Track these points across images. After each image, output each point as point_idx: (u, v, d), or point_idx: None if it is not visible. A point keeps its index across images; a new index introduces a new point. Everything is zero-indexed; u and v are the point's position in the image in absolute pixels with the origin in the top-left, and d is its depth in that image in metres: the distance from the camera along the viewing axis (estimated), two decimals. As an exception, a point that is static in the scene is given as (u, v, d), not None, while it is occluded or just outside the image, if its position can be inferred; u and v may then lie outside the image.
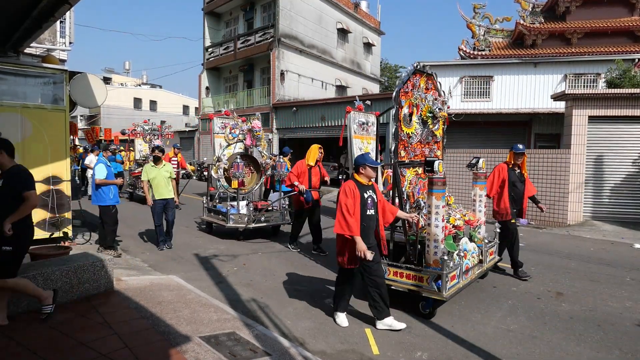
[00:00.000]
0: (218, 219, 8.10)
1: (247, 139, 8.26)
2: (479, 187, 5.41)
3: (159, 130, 14.19)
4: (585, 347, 3.72)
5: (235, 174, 7.63)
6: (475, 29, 22.25)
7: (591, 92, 10.21)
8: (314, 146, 7.00)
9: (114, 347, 3.27)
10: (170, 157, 11.73)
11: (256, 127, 8.16)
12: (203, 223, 9.05)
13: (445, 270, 4.09)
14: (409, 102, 4.85)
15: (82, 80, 6.92)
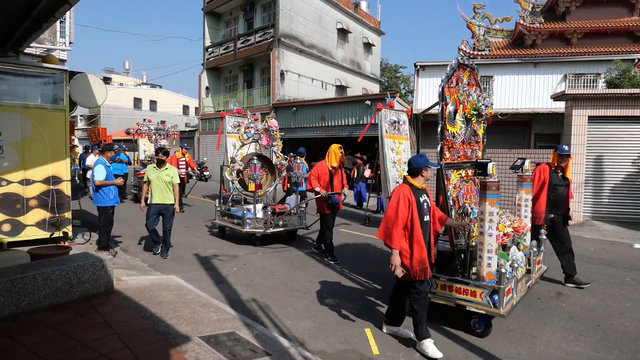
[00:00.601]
0: (233, 223, 7.66)
1: (263, 139, 7.71)
2: (524, 190, 4.90)
3: (164, 130, 13.75)
4: (585, 347, 3.72)
5: (252, 175, 7.22)
6: (475, 29, 22.24)
7: (591, 92, 10.22)
8: (334, 147, 6.47)
9: (114, 347, 3.27)
10: (178, 158, 11.46)
11: (273, 127, 7.67)
12: (214, 227, 8.78)
13: (503, 284, 3.70)
14: (454, 98, 4.41)
15: (82, 80, 6.92)
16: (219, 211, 8.10)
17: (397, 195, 3.54)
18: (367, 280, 5.60)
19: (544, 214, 5.30)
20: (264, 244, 7.38)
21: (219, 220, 8.06)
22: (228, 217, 7.90)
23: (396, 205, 3.50)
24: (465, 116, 4.66)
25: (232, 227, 7.64)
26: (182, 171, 11.21)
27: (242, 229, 7.30)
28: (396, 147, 6.28)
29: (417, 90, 18.08)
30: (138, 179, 12.98)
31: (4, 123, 6.04)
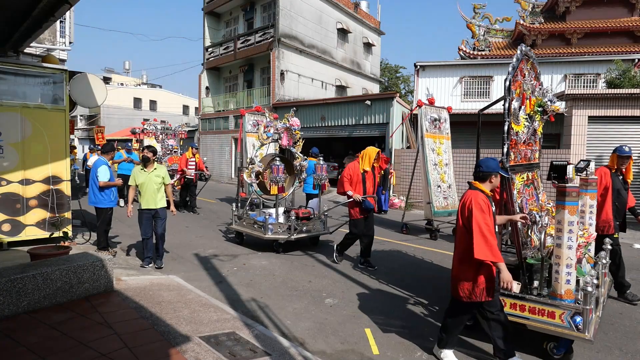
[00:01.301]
0: (252, 228, 7.12)
1: (284, 139, 7.20)
2: (589, 195, 4.32)
3: (171, 129, 13.16)
4: (585, 347, 3.72)
5: (275, 178, 6.76)
6: (475, 29, 22.26)
7: (591, 92, 10.22)
8: (371, 149, 6.02)
9: (114, 347, 3.27)
10: (188, 158, 11.15)
11: (295, 125, 7.20)
12: (229, 232, 8.36)
13: (588, 304, 3.19)
14: (520, 92, 4.01)
15: (82, 80, 6.92)
16: (236, 215, 7.57)
17: (477, 204, 3.12)
18: (408, 292, 5.32)
19: (612, 222, 4.82)
20: (286, 251, 6.97)
21: (237, 225, 7.52)
22: (247, 222, 7.32)
23: (482, 215, 3.08)
24: (529, 113, 4.20)
25: (251, 233, 7.09)
26: (191, 172, 10.99)
27: (263, 235, 6.78)
28: (437, 147, 5.83)
29: (417, 90, 18.08)
30: None
31: (4, 123, 6.03)
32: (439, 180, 5.95)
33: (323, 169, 7.08)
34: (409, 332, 3.97)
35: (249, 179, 7.12)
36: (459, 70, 17.74)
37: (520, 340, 3.70)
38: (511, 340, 3.21)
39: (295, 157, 7.58)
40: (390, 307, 4.60)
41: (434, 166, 5.89)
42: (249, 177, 7.12)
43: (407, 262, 6.54)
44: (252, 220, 7.20)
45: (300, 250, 7.14)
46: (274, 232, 6.80)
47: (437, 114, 5.97)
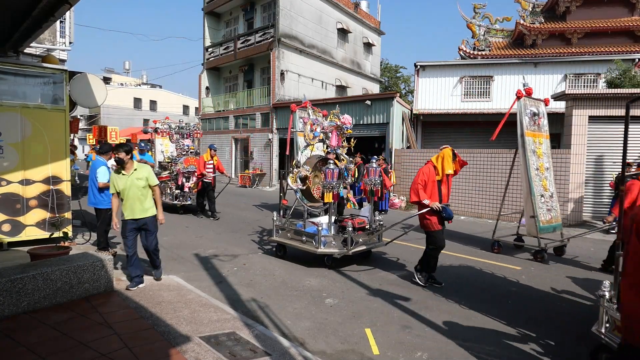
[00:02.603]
0: (300, 241, 6.30)
1: (332, 139, 6.42)
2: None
3: (187, 129, 12.15)
4: (585, 347, 3.71)
5: (330, 183, 5.97)
6: (475, 29, 22.26)
7: (591, 92, 10.22)
8: (447, 150, 5.31)
9: (114, 347, 3.27)
10: (206, 161, 10.39)
11: (347, 123, 6.49)
12: (263, 242, 7.66)
13: None
14: None
15: (82, 80, 6.92)
16: (277, 226, 6.68)
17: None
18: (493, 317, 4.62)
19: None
20: (338, 266, 6.11)
21: (279, 237, 6.64)
22: (293, 234, 6.47)
23: None
24: None
25: (299, 246, 6.26)
26: (210, 175, 10.30)
27: (315, 248, 5.98)
28: (537, 147, 4.93)
29: (417, 90, 18.08)
30: (161, 182, 11.27)
31: (4, 123, 6.03)
32: (542, 190, 5.02)
33: (376, 172, 6.41)
34: (409, 332, 3.97)
35: (294, 185, 6.37)
36: (459, 70, 17.74)
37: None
38: None
39: (340, 159, 6.72)
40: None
41: (536, 171, 5.06)
42: (294, 183, 6.36)
43: (472, 276, 5.82)
44: (300, 231, 6.37)
45: (355, 263, 6.35)
46: (328, 246, 5.98)
47: (535, 108, 5.16)
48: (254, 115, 21.66)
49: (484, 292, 5.18)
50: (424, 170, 5.34)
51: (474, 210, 11.39)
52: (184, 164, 10.92)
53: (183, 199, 10.84)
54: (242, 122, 22.85)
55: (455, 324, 4.15)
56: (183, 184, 10.77)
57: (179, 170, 10.80)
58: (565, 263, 6.65)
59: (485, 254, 7.14)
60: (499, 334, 3.96)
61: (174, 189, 11.00)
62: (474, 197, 11.48)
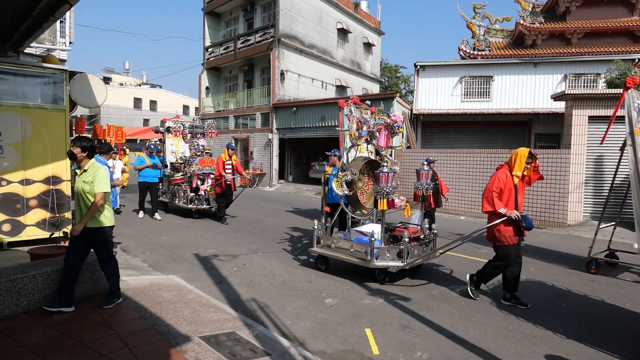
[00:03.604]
0: (348, 253, 5.68)
1: (381, 138, 5.81)
2: None
3: (202, 128, 11.29)
4: (585, 347, 3.72)
5: (384, 189, 5.31)
6: (475, 29, 22.27)
7: (591, 92, 10.22)
8: (522, 151, 4.73)
9: (114, 347, 3.27)
10: (224, 161, 9.65)
11: (398, 121, 5.83)
12: (299, 252, 7.01)
13: None
14: None
15: (82, 80, 6.92)
16: (319, 236, 6.08)
17: None
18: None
19: None
20: (392, 281, 5.47)
21: (322, 248, 6.01)
22: (339, 245, 5.88)
23: None
24: None
25: (347, 259, 5.59)
26: (228, 177, 9.56)
27: (367, 261, 5.31)
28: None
29: (417, 90, 18.08)
30: (173, 185, 10.82)
31: (4, 123, 6.03)
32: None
33: (428, 175, 5.86)
34: (409, 332, 3.97)
35: (340, 190, 5.69)
36: (459, 70, 17.75)
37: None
38: None
39: (384, 160, 6.12)
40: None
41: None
42: (340, 188, 5.68)
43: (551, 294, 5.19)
44: (348, 242, 5.79)
45: (407, 277, 5.68)
46: (382, 259, 5.36)
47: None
48: (254, 115, 21.67)
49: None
50: (499, 176, 4.70)
51: (474, 210, 11.39)
52: (199, 165, 10.28)
53: (198, 202, 10.11)
54: (242, 122, 22.86)
55: (455, 324, 4.15)
56: (198, 187, 10.10)
57: (194, 172, 10.11)
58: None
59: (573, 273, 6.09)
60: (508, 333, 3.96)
61: (189, 191, 10.29)
62: (473, 197, 11.48)
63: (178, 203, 10.54)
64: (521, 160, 4.69)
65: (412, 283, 5.45)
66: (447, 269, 6.20)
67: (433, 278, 5.73)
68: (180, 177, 10.71)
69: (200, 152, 10.66)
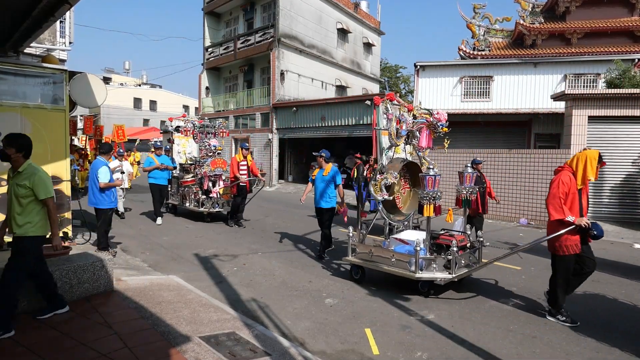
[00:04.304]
0: (389, 263, 5.13)
1: (422, 138, 5.45)
2: None
3: (213, 127, 10.72)
4: (585, 347, 3.72)
5: (429, 194, 4.93)
6: (475, 29, 22.26)
7: (591, 92, 10.23)
8: (590, 152, 4.31)
9: (114, 347, 3.27)
10: (239, 162, 9.19)
11: (442, 120, 5.37)
12: (325, 258, 6.58)
13: None
14: None
15: (82, 80, 6.91)
16: (354, 245, 5.59)
17: None
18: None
19: None
20: (437, 294, 5.03)
21: (358, 257, 5.51)
22: (379, 254, 5.31)
23: None
24: None
25: (389, 269, 5.13)
26: (244, 178, 9.09)
27: (412, 272, 4.88)
28: None
29: (417, 90, 18.08)
30: (184, 187, 10.30)
31: (4, 123, 6.02)
32: None
33: (472, 178, 5.41)
34: (409, 332, 3.97)
35: (379, 194, 5.25)
36: (459, 70, 17.74)
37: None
38: None
39: (421, 162, 5.77)
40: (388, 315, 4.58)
41: None
42: (378, 192, 5.25)
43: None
44: (388, 252, 5.25)
45: (452, 289, 5.21)
46: (429, 270, 4.95)
47: None
48: (253, 115, 21.67)
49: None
50: (562, 179, 4.25)
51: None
52: (210, 166, 9.80)
53: (211, 205, 9.67)
54: (242, 122, 22.86)
55: (455, 324, 4.15)
56: (209, 189, 9.65)
57: (205, 173, 9.66)
58: None
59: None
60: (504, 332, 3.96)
61: (200, 194, 9.78)
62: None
63: (188, 206, 10.11)
64: (592, 164, 4.26)
65: (458, 296, 4.99)
66: (490, 278, 5.70)
67: (481, 290, 5.20)
68: (191, 179, 10.21)
69: (212, 153, 10.19)
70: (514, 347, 3.70)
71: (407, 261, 4.98)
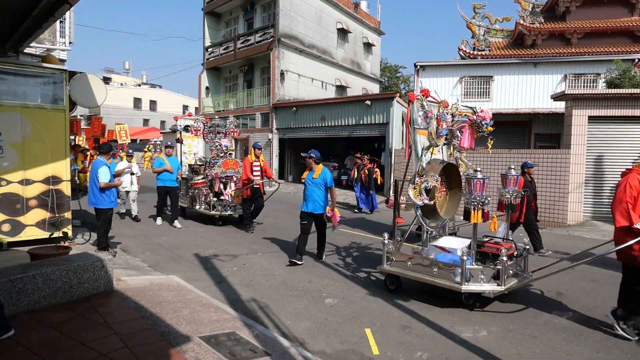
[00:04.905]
0: (432, 274, 4.70)
1: (464, 138, 5.09)
2: None
3: (223, 127, 10.26)
4: (585, 347, 3.72)
5: (477, 198, 4.55)
6: (475, 29, 22.26)
7: (591, 92, 10.23)
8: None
9: (114, 347, 3.27)
10: (252, 162, 8.63)
11: (487, 119, 5.01)
12: (354, 268, 6.13)
13: None
14: None
15: (81, 80, 6.92)
16: (390, 253, 5.12)
17: None
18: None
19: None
20: (482, 306, 4.64)
21: (395, 266, 5.06)
22: (419, 264, 4.87)
23: None
24: None
25: (428, 280, 4.72)
26: (257, 180, 8.55)
27: (457, 284, 4.46)
28: None
29: (417, 90, 18.09)
30: (194, 189, 9.81)
31: (4, 123, 6.03)
32: None
33: (517, 181, 5.00)
34: (409, 332, 3.97)
35: (419, 199, 4.74)
36: (459, 70, 17.75)
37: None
38: None
39: (458, 164, 5.46)
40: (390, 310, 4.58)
41: None
42: (418, 196, 4.75)
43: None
44: (429, 261, 4.81)
45: (498, 300, 4.75)
46: (476, 281, 4.51)
47: None
48: (253, 115, 21.67)
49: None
50: (630, 182, 3.90)
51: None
52: (222, 167, 9.29)
53: (222, 208, 9.20)
54: (242, 122, 22.86)
55: (455, 324, 4.15)
56: (221, 191, 9.23)
57: (216, 175, 9.21)
58: None
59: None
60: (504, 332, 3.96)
61: (211, 196, 9.39)
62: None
63: (198, 209, 9.66)
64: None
65: (504, 308, 4.62)
66: (536, 289, 5.32)
67: (531, 302, 4.79)
68: (201, 181, 9.71)
69: (223, 153, 9.69)
70: (514, 347, 3.70)
71: (452, 271, 4.56)
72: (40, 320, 3.74)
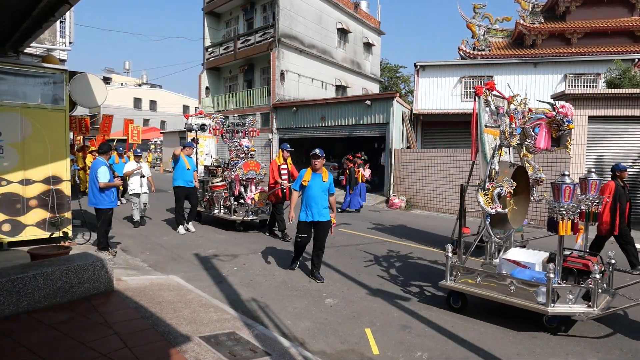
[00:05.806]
0: (507, 292, 4.18)
1: (540, 138, 4.62)
2: None
3: (243, 126, 9.74)
4: (585, 347, 3.72)
5: (565, 206, 4.08)
6: (475, 29, 22.26)
7: (591, 92, 10.23)
8: None
9: (114, 347, 3.27)
10: (279, 165, 8.16)
11: (569, 115, 4.52)
12: (403, 282, 5.52)
13: None
14: None
15: (82, 80, 6.92)
16: (453, 265, 4.60)
17: None
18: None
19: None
20: (567, 330, 4.11)
21: (459, 282, 4.53)
22: (491, 281, 4.33)
23: None
24: None
25: (505, 299, 4.18)
26: (285, 184, 8.01)
27: (543, 305, 3.92)
28: None
29: (417, 90, 18.08)
30: (212, 192, 9.23)
31: (4, 123, 6.04)
32: None
33: (598, 187, 4.60)
34: (409, 332, 3.97)
35: (491, 207, 4.19)
36: (459, 70, 17.74)
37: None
38: None
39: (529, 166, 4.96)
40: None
41: None
42: (490, 204, 4.20)
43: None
44: (505, 277, 4.27)
45: (600, 326, 4.22)
46: (563, 302, 3.98)
47: None
48: (254, 115, 21.68)
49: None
50: None
51: (474, 209, 11.39)
52: (243, 169, 8.66)
53: (245, 213, 8.66)
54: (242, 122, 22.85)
55: (455, 324, 4.15)
56: (241, 195, 8.76)
57: (237, 177, 8.61)
58: None
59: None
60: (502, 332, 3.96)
61: (232, 200, 8.76)
62: (472, 197, 11.48)
63: (217, 213, 9.06)
64: None
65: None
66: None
67: (624, 330, 4.15)
68: (221, 183, 9.15)
69: (244, 154, 9.12)
70: (514, 347, 3.70)
71: (534, 290, 4.02)
72: (40, 320, 3.74)
